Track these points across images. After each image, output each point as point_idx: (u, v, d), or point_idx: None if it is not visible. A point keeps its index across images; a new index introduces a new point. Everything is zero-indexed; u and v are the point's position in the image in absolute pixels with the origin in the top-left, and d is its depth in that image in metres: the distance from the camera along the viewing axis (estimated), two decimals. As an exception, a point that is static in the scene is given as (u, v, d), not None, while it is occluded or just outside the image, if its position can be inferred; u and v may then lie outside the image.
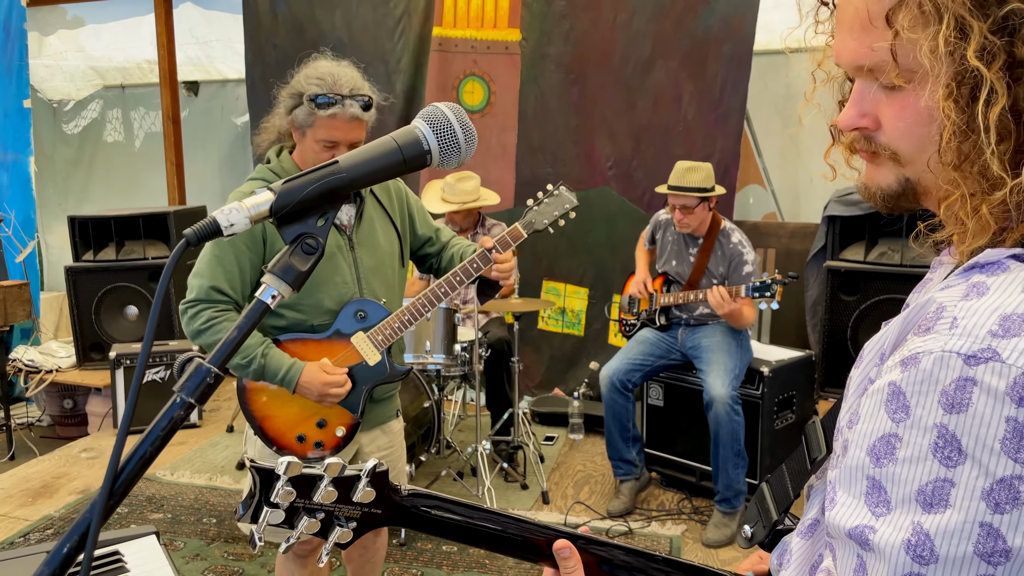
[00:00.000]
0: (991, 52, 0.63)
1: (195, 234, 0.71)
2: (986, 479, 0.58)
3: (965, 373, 0.59)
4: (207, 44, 6.41)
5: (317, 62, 2.05)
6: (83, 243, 5.24)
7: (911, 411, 0.61)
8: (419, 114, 0.87)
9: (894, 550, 0.60)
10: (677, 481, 3.99)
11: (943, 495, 0.59)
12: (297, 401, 2.08)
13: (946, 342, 0.61)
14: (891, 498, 0.61)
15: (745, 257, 3.59)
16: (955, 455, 0.59)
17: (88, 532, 0.59)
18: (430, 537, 3.47)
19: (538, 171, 5.02)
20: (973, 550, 0.58)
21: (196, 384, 0.68)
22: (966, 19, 0.63)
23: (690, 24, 4.61)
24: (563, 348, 5.19)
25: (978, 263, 0.66)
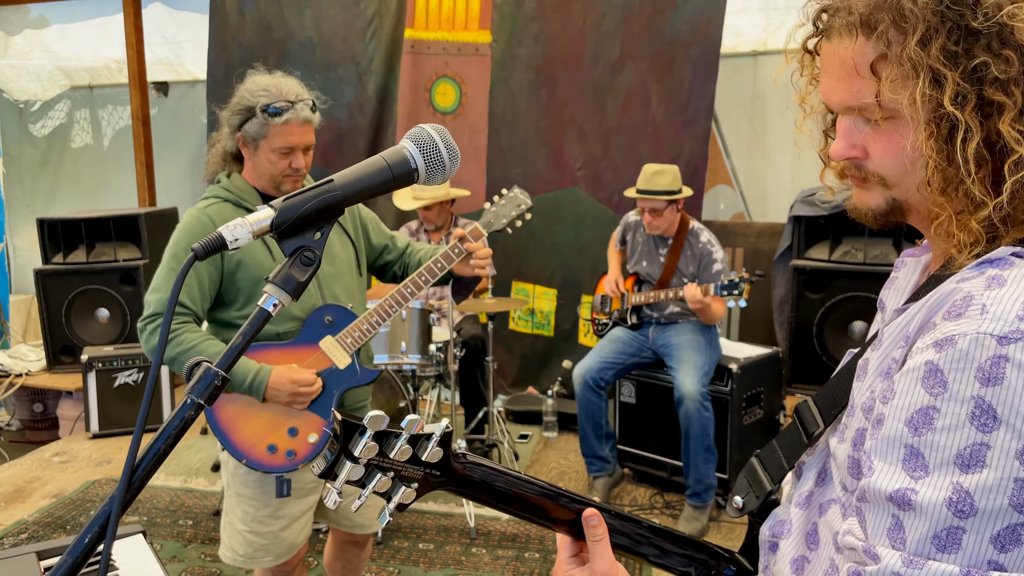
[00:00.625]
0: (964, 96, 0.74)
1: (203, 248, 0.75)
2: (1019, 441, 0.67)
3: (999, 351, 0.68)
4: (177, 44, 6.38)
5: (255, 77, 2.10)
6: (52, 245, 5.19)
7: (949, 385, 0.70)
8: (406, 135, 0.92)
9: (936, 507, 0.69)
10: (649, 477, 4.07)
11: (980, 457, 0.68)
12: (266, 411, 2.06)
13: (980, 325, 0.70)
14: (928, 463, 0.70)
15: (714, 256, 3.68)
16: (991, 422, 0.68)
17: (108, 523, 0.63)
18: (407, 535, 3.52)
19: (508, 172, 5.08)
20: (1008, 502, 0.67)
21: (205, 386, 0.73)
22: (941, 71, 0.74)
23: (658, 27, 4.69)
24: (534, 348, 5.25)
25: (989, 259, 0.76)
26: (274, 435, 2.06)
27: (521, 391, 5.19)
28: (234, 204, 2.08)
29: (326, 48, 5.37)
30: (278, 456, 2.06)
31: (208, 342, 2.01)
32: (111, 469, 4.32)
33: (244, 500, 2.11)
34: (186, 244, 2.02)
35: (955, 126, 0.74)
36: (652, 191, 3.61)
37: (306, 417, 2.07)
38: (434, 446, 0.85)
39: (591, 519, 0.92)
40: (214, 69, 5.60)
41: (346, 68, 5.27)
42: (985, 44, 0.74)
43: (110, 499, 0.66)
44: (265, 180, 2.10)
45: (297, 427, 2.08)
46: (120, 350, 4.79)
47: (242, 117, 2.05)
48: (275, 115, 2.00)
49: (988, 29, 0.73)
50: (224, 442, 2.06)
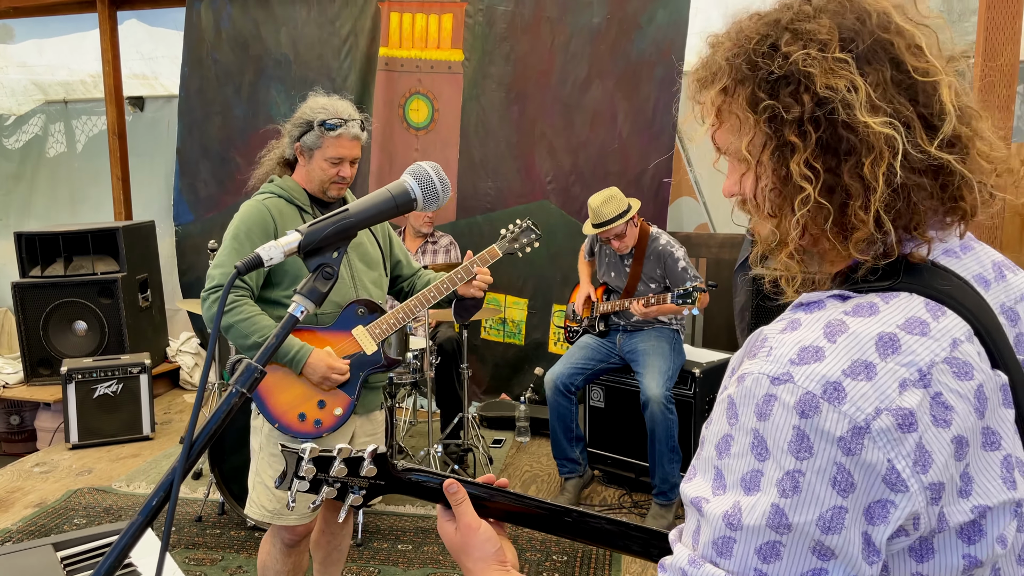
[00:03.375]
0: (764, 140, 0.82)
1: (244, 266, 0.91)
2: (779, 471, 0.74)
3: (770, 391, 0.75)
4: (153, 60, 6.47)
5: (315, 98, 2.44)
6: (30, 259, 5.26)
7: (739, 417, 0.78)
8: (407, 170, 1.10)
9: (715, 518, 0.77)
10: (618, 478, 4.24)
11: (756, 481, 0.76)
12: (299, 384, 2.37)
13: (761, 366, 0.77)
14: (727, 483, 0.78)
15: (676, 255, 3.88)
16: (764, 452, 0.75)
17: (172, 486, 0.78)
18: (386, 537, 3.65)
19: (479, 185, 5.25)
20: (765, 522, 0.74)
21: (248, 378, 0.88)
22: (743, 116, 0.83)
23: (624, 47, 4.90)
24: (506, 356, 5.40)
25: (801, 302, 0.84)
26: (305, 405, 2.37)
27: (494, 398, 5.34)
28: (287, 200, 2.41)
29: (302, 65, 5.52)
30: (307, 424, 2.36)
31: (261, 316, 2.32)
32: (92, 478, 4.39)
33: (277, 459, 2.38)
34: (247, 229, 2.34)
35: (757, 167, 0.83)
36: (608, 221, 3.80)
37: (334, 393, 2.40)
38: (368, 464, 1.08)
39: (450, 487, 1.08)
40: (187, 83, 5.72)
41: (322, 85, 5.39)
42: (790, 90, 0.79)
43: (172, 469, 0.80)
44: (315, 185, 2.42)
45: (326, 401, 2.39)
46: (99, 362, 4.87)
47: (302, 129, 2.38)
48: (330, 130, 2.34)
49: (787, 75, 0.79)
50: (261, 408, 2.36)
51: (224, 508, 3.84)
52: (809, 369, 0.74)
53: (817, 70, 0.78)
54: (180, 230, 5.88)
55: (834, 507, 0.73)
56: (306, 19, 5.50)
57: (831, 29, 0.80)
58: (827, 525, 0.73)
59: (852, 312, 0.78)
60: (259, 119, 5.55)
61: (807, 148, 0.79)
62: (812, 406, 0.73)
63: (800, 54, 0.79)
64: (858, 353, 0.74)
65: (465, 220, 5.24)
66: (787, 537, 0.74)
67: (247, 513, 2.45)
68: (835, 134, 0.78)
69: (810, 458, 0.73)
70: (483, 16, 5.17)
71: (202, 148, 5.77)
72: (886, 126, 0.77)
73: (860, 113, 0.77)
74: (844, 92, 0.77)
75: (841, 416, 0.72)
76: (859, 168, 0.78)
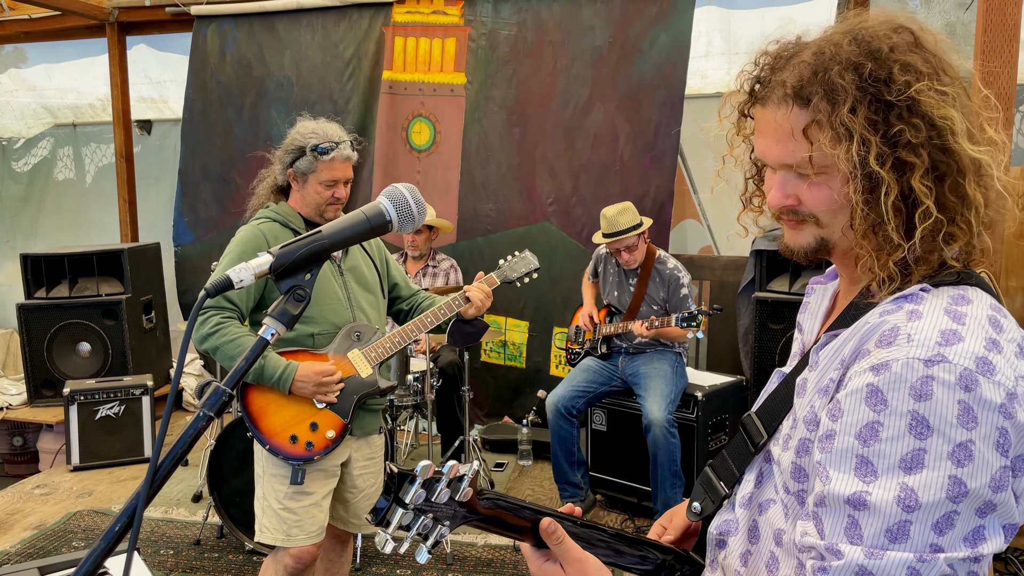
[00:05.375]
0: (883, 157, 0.90)
1: (214, 288, 0.91)
2: (948, 444, 0.82)
3: (926, 372, 0.83)
4: (160, 84, 6.55)
5: (304, 123, 2.44)
6: (35, 280, 5.28)
7: (888, 403, 0.84)
8: (382, 192, 1.09)
9: (887, 505, 0.83)
10: (620, 502, 4.20)
11: (919, 460, 0.82)
12: (292, 405, 2.36)
13: (909, 351, 0.85)
14: (877, 468, 0.84)
15: (682, 281, 3.87)
16: (925, 431, 0.82)
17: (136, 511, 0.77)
18: (384, 562, 3.62)
19: (480, 207, 5.26)
20: (945, 495, 0.81)
21: (215, 402, 0.87)
22: (866, 135, 0.90)
23: (626, 71, 4.92)
24: (507, 379, 5.37)
25: (904, 295, 0.92)
26: (297, 427, 2.36)
27: (496, 421, 5.31)
28: (282, 224, 2.43)
29: (304, 87, 5.57)
30: (298, 446, 2.35)
31: (247, 337, 2.32)
32: (93, 501, 4.38)
33: (277, 479, 2.38)
34: (241, 251, 2.36)
35: (878, 181, 0.90)
36: (621, 231, 3.79)
37: (326, 415, 2.37)
38: (466, 486, 0.92)
39: (548, 527, 1.00)
40: (191, 104, 5.78)
41: (323, 107, 5.46)
42: (898, 114, 0.89)
43: (136, 493, 0.79)
44: (311, 208, 2.44)
45: (318, 423, 2.38)
46: (102, 383, 4.87)
47: (294, 156, 2.41)
48: (323, 154, 2.36)
49: (900, 102, 0.89)
50: (252, 429, 2.36)
51: (223, 532, 3.81)
52: (959, 348, 0.84)
53: (930, 99, 0.89)
54: (180, 251, 5.90)
55: (1002, 467, 0.82)
56: (310, 42, 5.55)
57: (926, 64, 0.91)
58: (997, 484, 0.82)
59: (955, 301, 0.90)
60: (259, 140, 5.59)
61: (923, 166, 0.90)
62: (972, 380, 0.82)
63: (917, 85, 0.89)
64: (985, 332, 0.86)
65: (466, 242, 5.24)
66: (963, 504, 0.82)
67: (258, 539, 2.44)
68: (938, 156, 0.89)
69: (976, 427, 0.82)
70: (486, 40, 5.21)
71: (203, 169, 5.80)
72: (983, 153, 0.90)
73: (962, 140, 0.89)
74: (955, 122, 0.89)
75: (996, 386, 0.83)
76: (958, 187, 0.90)
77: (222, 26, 5.71)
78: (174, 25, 5.99)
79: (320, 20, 5.54)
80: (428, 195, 5.18)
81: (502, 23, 5.18)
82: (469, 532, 3.84)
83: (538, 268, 2.87)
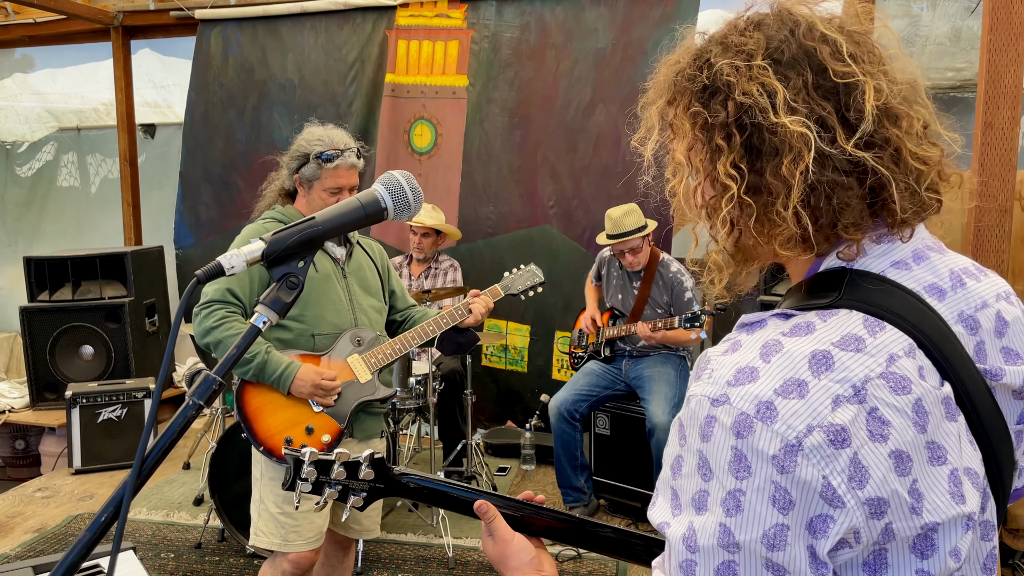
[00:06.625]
0: (699, 145, 0.87)
1: (204, 274, 0.89)
2: (722, 491, 0.75)
3: (711, 412, 0.77)
4: (164, 88, 6.56)
5: (311, 129, 2.43)
6: (38, 283, 5.28)
7: (687, 439, 0.79)
8: (378, 179, 1.07)
9: (677, 542, 0.78)
10: (623, 507, 4.17)
11: (704, 501, 0.77)
12: (289, 408, 2.35)
13: (703, 388, 0.78)
14: (681, 503, 0.79)
15: (685, 284, 3.85)
16: (708, 473, 0.76)
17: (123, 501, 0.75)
18: (386, 566, 3.59)
19: (481, 209, 5.24)
20: (717, 542, 0.75)
21: (205, 390, 0.85)
22: (680, 125, 0.89)
23: (628, 72, 4.91)
24: (509, 383, 5.34)
25: (744, 323, 0.85)
26: (293, 430, 2.35)
27: (499, 425, 5.28)
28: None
29: (307, 90, 5.57)
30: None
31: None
32: (94, 504, 4.36)
33: (276, 483, 2.36)
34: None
35: (691, 170, 0.88)
36: (627, 232, 3.77)
37: (323, 419, 2.37)
38: (365, 467, 1.17)
39: (480, 507, 1.16)
40: (193, 107, 5.78)
41: (326, 110, 5.45)
42: (720, 99, 0.84)
43: (123, 483, 0.78)
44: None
45: (314, 426, 2.36)
46: (104, 386, 4.86)
47: (299, 162, 2.41)
48: (328, 161, 2.36)
49: (712, 85, 0.84)
50: (247, 430, 2.36)
51: (224, 535, 3.79)
52: (743, 390, 0.75)
53: (735, 78, 0.83)
54: (181, 253, 5.89)
55: (776, 524, 0.73)
56: (313, 45, 5.55)
57: (758, 40, 0.84)
58: (771, 542, 0.73)
59: (789, 332, 0.79)
60: (261, 143, 5.58)
61: (732, 150, 0.83)
62: (746, 426, 0.74)
63: (724, 63, 0.83)
64: (791, 372, 0.75)
65: (466, 245, 5.21)
66: (739, 556, 0.75)
67: (253, 543, 2.42)
68: (759, 136, 0.82)
69: (748, 477, 0.74)
70: (488, 43, 5.20)
71: (204, 172, 5.80)
72: (799, 125, 0.79)
73: (775, 115, 0.80)
74: (758, 96, 0.81)
75: (773, 435, 0.73)
76: (779, 167, 0.80)
77: (226, 30, 5.72)
78: (178, 29, 6.00)
79: (323, 24, 5.54)
80: (429, 198, 5.16)
81: (505, 26, 5.18)
82: (472, 536, 3.82)
83: (543, 282, 2.89)
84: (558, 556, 3.69)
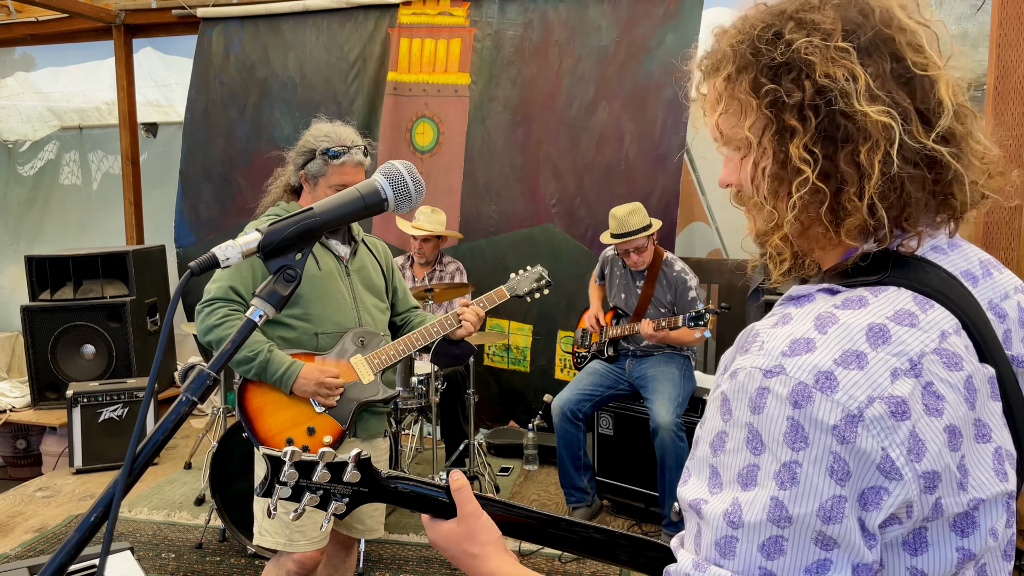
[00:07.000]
0: (766, 123, 0.84)
1: (198, 266, 0.86)
2: (776, 463, 0.74)
3: (763, 383, 0.75)
4: (166, 87, 6.54)
5: (318, 125, 2.40)
6: (40, 283, 5.26)
7: (732, 413, 0.78)
8: (378, 170, 1.04)
9: (716, 518, 0.77)
10: (627, 507, 4.14)
11: (753, 476, 0.75)
12: (291, 407, 2.32)
13: (753, 360, 0.77)
14: (723, 480, 0.78)
15: (689, 283, 3.82)
16: (759, 446, 0.75)
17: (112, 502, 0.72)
18: (388, 566, 3.57)
19: (483, 208, 5.21)
20: (766, 516, 0.74)
21: (199, 386, 0.83)
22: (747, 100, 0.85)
23: (632, 70, 4.88)
24: (511, 383, 5.31)
25: (791, 296, 0.85)
26: (294, 431, 2.32)
27: (502, 425, 5.25)
28: None
29: (308, 88, 5.54)
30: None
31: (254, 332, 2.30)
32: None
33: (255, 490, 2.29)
34: None
35: (759, 149, 0.84)
36: (632, 231, 3.74)
37: (325, 420, 2.34)
38: (351, 469, 1.04)
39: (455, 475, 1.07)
40: (193, 105, 5.76)
41: (327, 108, 5.43)
42: (792, 76, 0.81)
43: (113, 481, 0.75)
44: None
45: (315, 427, 2.33)
46: (105, 385, 4.84)
47: (305, 158, 2.38)
48: (334, 158, 2.33)
49: (789, 62, 0.81)
50: (248, 430, 2.32)
51: (225, 535, 3.77)
52: (801, 360, 0.75)
53: (818, 58, 0.80)
54: (182, 252, 5.85)
55: (833, 496, 0.73)
56: (315, 43, 5.53)
57: (835, 20, 0.82)
58: (828, 515, 0.73)
59: (842, 305, 0.79)
60: (262, 141, 5.55)
61: (807, 133, 0.81)
62: (805, 396, 0.73)
63: (803, 42, 0.81)
64: (849, 343, 0.75)
65: (468, 244, 5.18)
66: (789, 530, 0.74)
67: (257, 542, 2.39)
68: (833, 121, 0.80)
69: (806, 448, 0.73)
70: (491, 40, 5.17)
71: (204, 170, 5.77)
72: (883, 115, 0.78)
73: (858, 102, 0.79)
74: (843, 81, 0.79)
75: (833, 404, 0.73)
76: (855, 155, 0.79)
77: (227, 27, 5.70)
78: (180, 27, 5.98)
79: (325, 22, 5.52)
80: (431, 197, 5.13)
81: (508, 23, 5.15)
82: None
83: (550, 284, 2.88)
84: (560, 557, 3.66)
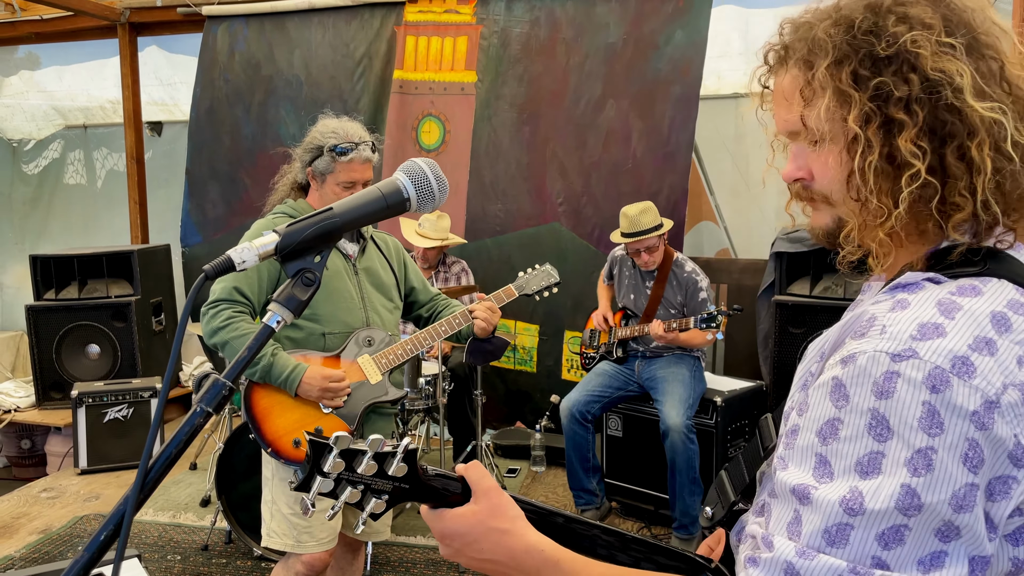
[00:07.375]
0: (870, 115, 0.82)
1: (213, 269, 0.83)
2: (908, 450, 0.72)
3: (891, 368, 0.74)
4: (171, 86, 6.50)
5: (325, 121, 2.37)
6: (44, 282, 5.23)
7: (850, 399, 0.76)
8: (400, 167, 1.00)
9: (830, 504, 0.74)
10: (636, 510, 4.10)
11: (876, 464, 0.73)
12: (298, 409, 2.30)
13: (877, 344, 0.76)
14: (834, 470, 0.76)
15: (700, 284, 3.78)
16: (885, 432, 0.73)
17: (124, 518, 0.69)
18: (395, 569, 3.53)
19: (489, 207, 5.17)
20: (894, 504, 0.72)
21: (214, 396, 0.79)
22: (848, 92, 0.82)
23: (640, 67, 4.83)
24: (517, 383, 5.27)
25: (901, 283, 0.83)
26: (301, 432, 2.26)
27: (509, 426, 5.22)
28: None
29: (313, 86, 5.51)
30: (300, 451, 2.26)
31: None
32: (100, 505, 4.31)
33: (288, 483, 2.29)
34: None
35: (864, 142, 0.82)
36: (644, 231, 3.70)
37: (332, 420, 2.31)
38: (398, 461, 0.93)
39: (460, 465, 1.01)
40: (198, 103, 5.73)
41: (333, 106, 5.36)
42: (893, 69, 0.81)
43: (124, 498, 0.71)
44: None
45: (323, 428, 2.21)
46: (110, 385, 4.81)
47: (312, 154, 2.34)
48: (341, 154, 2.29)
49: (892, 55, 0.81)
50: (255, 431, 2.29)
51: (231, 537, 3.74)
52: (934, 344, 0.74)
53: (926, 52, 0.80)
54: (188, 252, 5.82)
55: (966, 484, 0.72)
56: (320, 41, 5.49)
57: (934, 15, 0.82)
58: (960, 503, 0.72)
59: (958, 292, 0.79)
60: (267, 139, 5.52)
61: (915, 126, 0.80)
62: (943, 380, 0.72)
63: (909, 35, 0.81)
64: (978, 330, 0.75)
65: (474, 243, 5.13)
66: (915, 519, 0.72)
67: (265, 544, 2.36)
68: (938, 116, 0.80)
69: (941, 434, 0.72)
70: (498, 38, 5.13)
71: (211, 169, 5.74)
72: (995, 111, 0.79)
73: (968, 97, 0.79)
74: (955, 76, 0.79)
75: (972, 390, 0.72)
76: (965, 150, 0.79)
77: (233, 25, 5.66)
78: (185, 25, 5.94)
79: (331, 20, 5.49)
80: (438, 196, 5.09)
81: (515, 21, 5.11)
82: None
83: (559, 282, 2.84)
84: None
